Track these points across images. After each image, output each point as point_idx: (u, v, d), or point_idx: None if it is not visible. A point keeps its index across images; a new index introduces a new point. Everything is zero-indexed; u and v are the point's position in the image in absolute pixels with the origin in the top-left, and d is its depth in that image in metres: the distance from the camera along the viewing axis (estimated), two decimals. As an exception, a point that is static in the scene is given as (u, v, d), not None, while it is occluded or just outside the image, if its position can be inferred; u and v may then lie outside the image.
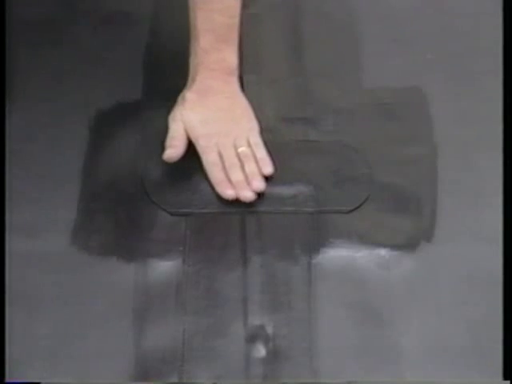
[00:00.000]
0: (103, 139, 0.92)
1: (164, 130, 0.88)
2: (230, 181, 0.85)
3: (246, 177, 0.85)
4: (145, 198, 0.87)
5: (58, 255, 0.83)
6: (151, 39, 1.01)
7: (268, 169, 0.87)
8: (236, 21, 0.87)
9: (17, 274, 0.81)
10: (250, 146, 0.88)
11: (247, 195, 0.84)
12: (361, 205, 0.87)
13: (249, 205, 0.86)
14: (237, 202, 0.86)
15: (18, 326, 0.78)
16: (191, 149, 0.87)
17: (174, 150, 0.85)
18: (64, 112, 0.93)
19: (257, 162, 0.87)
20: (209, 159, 0.86)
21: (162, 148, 0.86)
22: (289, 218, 0.86)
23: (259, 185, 0.85)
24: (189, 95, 0.88)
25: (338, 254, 0.84)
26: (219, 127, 0.87)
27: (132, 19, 1.02)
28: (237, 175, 0.85)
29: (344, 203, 0.87)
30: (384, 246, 0.85)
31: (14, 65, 0.94)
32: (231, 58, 0.88)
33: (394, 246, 0.85)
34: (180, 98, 0.88)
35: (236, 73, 0.89)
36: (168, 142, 0.86)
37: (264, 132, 0.92)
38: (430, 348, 0.79)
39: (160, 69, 0.98)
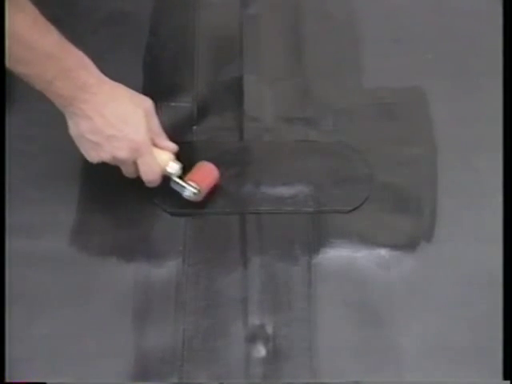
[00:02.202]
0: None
1: (164, 130, 0.88)
2: None
3: None
4: (145, 198, 0.87)
5: (58, 255, 0.83)
6: (151, 39, 1.01)
7: None
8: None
9: (17, 274, 0.81)
10: None
11: None
12: (361, 205, 0.87)
13: (249, 205, 0.86)
14: (237, 203, 0.86)
15: (18, 326, 0.78)
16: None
17: None
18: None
19: None
20: None
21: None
22: (289, 218, 0.86)
23: None
24: None
25: (337, 254, 0.84)
26: None
27: (132, 19, 1.02)
28: None
29: (344, 203, 0.87)
30: (384, 245, 0.85)
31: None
32: None
33: (394, 246, 0.85)
34: None
35: None
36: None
37: (264, 132, 0.92)
38: (430, 348, 0.79)
39: (160, 69, 0.98)
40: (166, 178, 0.84)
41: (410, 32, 1.02)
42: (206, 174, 0.86)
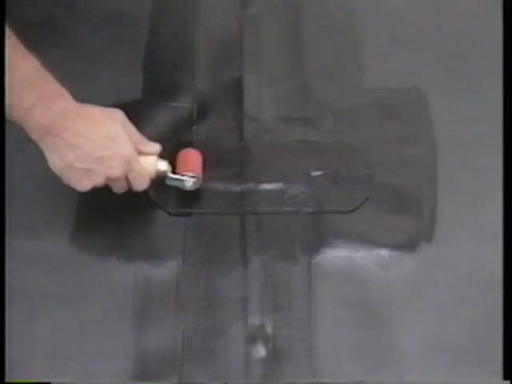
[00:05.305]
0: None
1: (164, 130, 0.88)
2: None
3: None
4: (145, 198, 0.87)
5: (58, 255, 0.83)
6: (151, 39, 1.01)
7: None
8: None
9: (17, 274, 0.81)
10: None
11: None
12: (361, 205, 0.87)
13: (249, 205, 0.86)
14: (237, 202, 0.86)
15: (18, 326, 0.78)
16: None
17: None
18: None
19: None
20: None
21: (162, 148, 0.86)
22: (289, 218, 0.86)
23: None
24: None
25: (337, 254, 0.84)
26: None
27: (132, 19, 1.02)
28: None
29: (344, 203, 0.87)
30: (384, 246, 0.85)
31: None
32: None
33: (394, 246, 0.85)
34: None
35: None
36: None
37: (264, 132, 0.92)
38: (429, 348, 0.79)
39: (160, 69, 0.98)
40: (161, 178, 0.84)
41: (409, 32, 1.02)
42: (194, 160, 0.86)
